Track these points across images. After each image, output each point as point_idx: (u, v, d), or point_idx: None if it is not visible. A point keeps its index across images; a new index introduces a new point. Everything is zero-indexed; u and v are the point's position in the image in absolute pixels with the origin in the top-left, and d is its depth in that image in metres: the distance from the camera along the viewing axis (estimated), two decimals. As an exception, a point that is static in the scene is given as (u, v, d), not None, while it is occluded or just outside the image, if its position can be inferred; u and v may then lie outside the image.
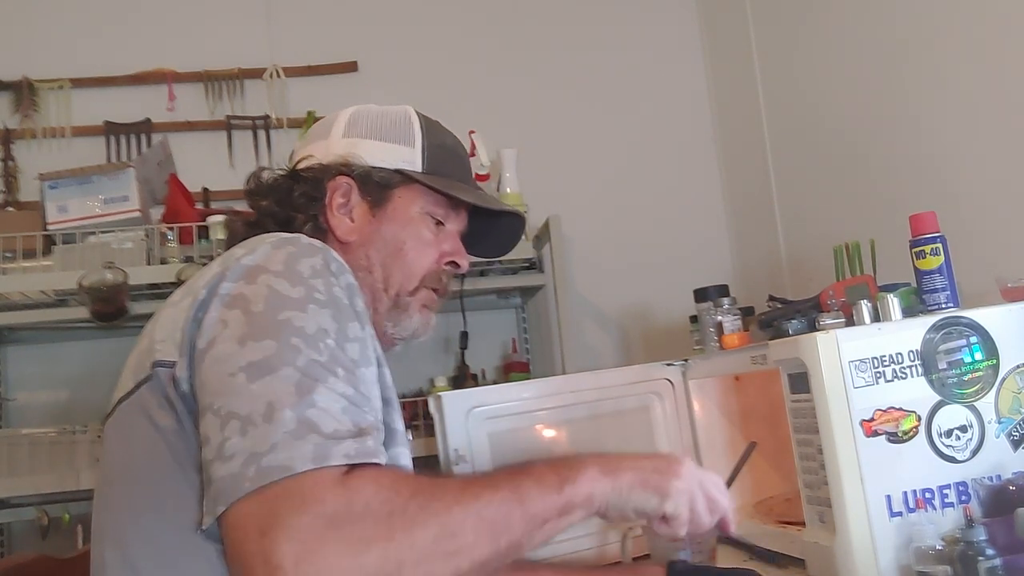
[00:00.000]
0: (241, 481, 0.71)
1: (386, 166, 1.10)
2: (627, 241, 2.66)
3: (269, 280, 0.83)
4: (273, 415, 0.74)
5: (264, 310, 0.81)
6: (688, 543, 1.22)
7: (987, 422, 1.16)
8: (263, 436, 0.73)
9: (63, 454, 2.04)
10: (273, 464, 0.71)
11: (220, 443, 0.74)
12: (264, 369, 0.76)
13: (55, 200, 2.14)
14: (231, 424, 0.74)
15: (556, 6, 2.78)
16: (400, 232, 1.10)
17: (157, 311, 0.93)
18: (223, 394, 0.76)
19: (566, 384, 1.57)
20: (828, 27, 2.14)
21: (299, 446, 0.72)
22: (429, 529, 0.73)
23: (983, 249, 1.54)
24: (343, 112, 1.15)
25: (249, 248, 0.88)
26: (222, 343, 0.79)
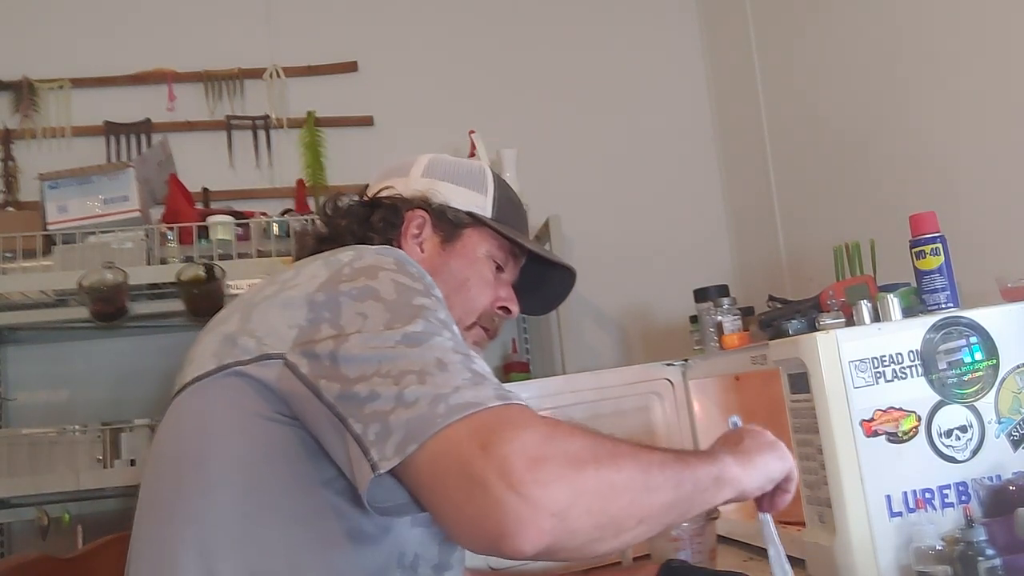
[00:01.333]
0: (433, 418, 0.72)
1: (460, 207, 1.18)
2: (627, 241, 2.66)
3: (391, 275, 0.87)
4: (447, 365, 0.77)
5: (398, 298, 0.84)
6: (688, 543, 1.22)
7: (987, 422, 1.16)
8: (444, 381, 0.75)
9: (63, 454, 2.04)
10: (461, 401, 0.73)
11: (398, 393, 0.74)
12: (421, 337, 0.79)
13: (55, 200, 2.14)
14: (406, 378, 0.75)
15: (556, 6, 2.78)
16: (465, 269, 1.16)
17: (232, 305, 0.94)
18: (388, 360, 0.77)
19: (566, 384, 1.58)
20: (828, 27, 2.14)
21: (482, 387, 0.75)
22: (629, 463, 0.76)
23: (983, 249, 1.54)
24: (422, 156, 1.23)
25: (355, 252, 0.92)
26: (368, 330, 0.80)
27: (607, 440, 0.77)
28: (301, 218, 2.24)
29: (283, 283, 0.90)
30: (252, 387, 0.84)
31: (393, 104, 2.63)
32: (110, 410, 2.21)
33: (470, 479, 0.69)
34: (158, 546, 0.84)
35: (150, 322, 2.24)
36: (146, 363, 2.34)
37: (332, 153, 2.57)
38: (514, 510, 0.67)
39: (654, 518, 0.77)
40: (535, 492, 0.68)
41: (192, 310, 2.05)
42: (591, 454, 0.73)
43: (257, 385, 0.84)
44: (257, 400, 0.83)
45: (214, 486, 0.83)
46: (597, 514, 0.71)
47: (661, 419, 1.64)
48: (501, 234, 1.19)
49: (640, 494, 0.75)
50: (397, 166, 1.23)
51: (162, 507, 0.86)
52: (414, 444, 0.72)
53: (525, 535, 0.67)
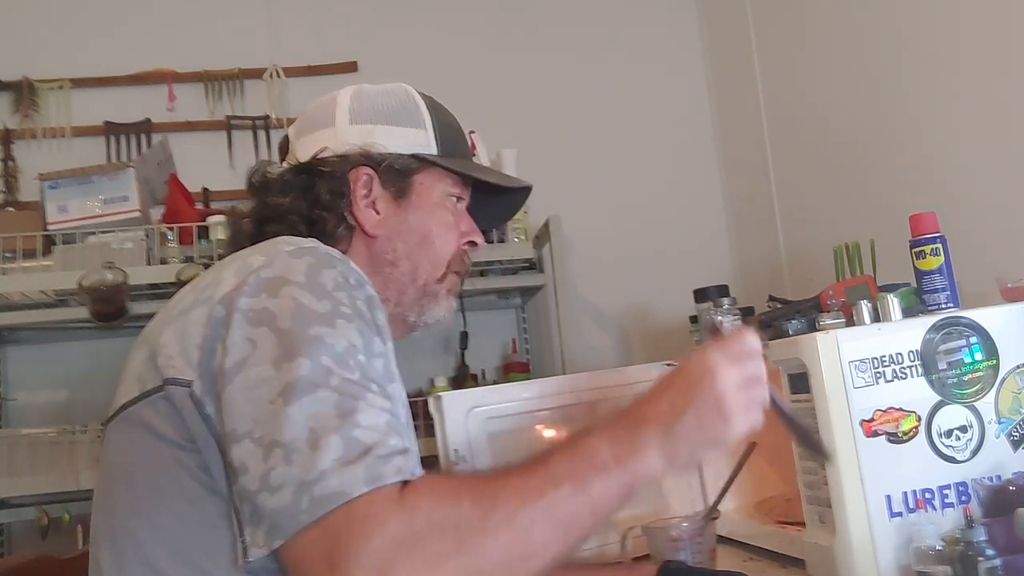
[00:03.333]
0: (296, 513, 0.70)
1: (403, 152, 1.07)
2: (627, 241, 2.66)
3: (294, 292, 0.80)
4: (319, 440, 0.72)
5: (292, 326, 0.78)
6: (688, 543, 1.22)
7: (987, 422, 1.15)
8: (311, 463, 0.71)
9: (63, 454, 2.04)
10: (327, 492, 0.70)
11: (264, 473, 0.72)
12: (301, 391, 0.74)
13: (55, 200, 2.14)
14: (274, 453, 0.72)
15: (556, 7, 2.78)
16: (425, 220, 1.07)
17: (161, 314, 0.90)
18: (261, 421, 0.74)
19: (566, 384, 1.57)
20: (828, 27, 2.14)
21: (350, 470, 0.71)
22: (500, 537, 0.72)
23: (983, 249, 1.54)
24: (340, 97, 1.10)
25: (266, 256, 0.85)
26: (254, 366, 0.76)
27: (485, 500, 0.72)
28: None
29: (198, 292, 0.86)
30: (166, 416, 0.81)
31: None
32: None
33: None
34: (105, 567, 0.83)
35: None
36: (146, 363, 2.34)
37: (332, 153, 2.57)
38: None
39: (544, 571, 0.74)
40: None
41: (192, 310, 2.05)
42: (454, 541, 0.70)
43: (170, 415, 0.81)
44: (170, 428, 0.81)
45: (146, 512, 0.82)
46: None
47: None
48: (454, 170, 1.09)
49: (520, 563, 0.72)
50: (317, 115, 1.10)
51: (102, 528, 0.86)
52: (279, 539, 0.71)
53: None
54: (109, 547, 0.84)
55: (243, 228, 1.06)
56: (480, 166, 1.14)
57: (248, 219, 1.06)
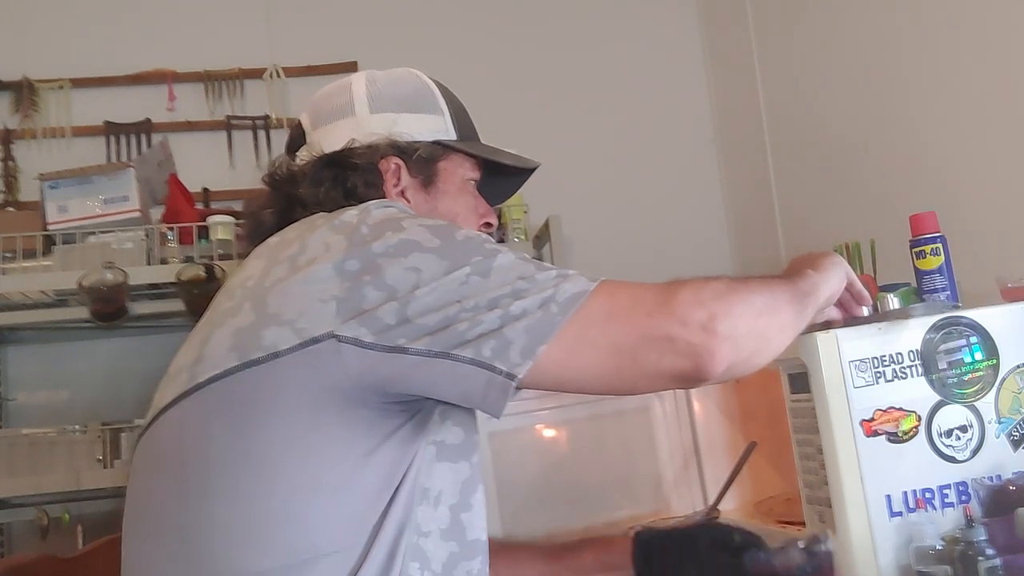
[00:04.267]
0: (550, 319, 0.78)
1: (425, 139, 1.08)
2: (627, 241, 2.66)
3: (414, 223, 0.85)
4: (532, 277, 0.81)
5: (443, 242, 0.83)
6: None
7: (987, 422, 1.15)
8: (539, 287, 0.80)
9: (63, 454, 2.04)
10: (568, 294, 0.80)
11: (501, 315, 0.78)
12: (488, 266, 0.81)
13: (55, 200, 2.14)
14: (502, 301, 0.79)
15: (556, 6, 2.78)
16: (453, 206, 1.09)
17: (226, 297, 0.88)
18: (470, 295, 0.79)
19: (566, 384, 1.57)
20: (828, 27, 2.14)
21: (572, 279, 0.81)
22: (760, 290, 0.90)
23: (983, 249, 1.54)
24: (355, 86, 1.09)
25: (354, 211, 0.88)
26: (430, 280, 0.80)
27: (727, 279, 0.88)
28: (301, 218, 2.24)
29: (291, 260, 0.85)
30: (294, 379, 0.80)
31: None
32: (110, 410, 2.21)
33: (657, 339, 0.80)
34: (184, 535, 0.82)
35: (150, 322, 2.24)
36: (146, 363, 2.33)
37: (332, 153, 2.57)
38: (706, 348, 0.80)
39: (789, 327, 0.92)
40: (716, 327, 0.80)
41: (192, 310, 2.05)
42: (727, 288, 0.85)
43: (302, 373, 0.80)
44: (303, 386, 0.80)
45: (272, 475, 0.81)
46: (755, 335, 0.85)
47: (661, 419, 1.64)
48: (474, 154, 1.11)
49: (776, 314, 0.89)
50: (333, 105, 1.09)
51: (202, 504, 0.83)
52: (542, 345, 0.77)
53: (715, 364, 0.81)
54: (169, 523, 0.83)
55: (265, 220, 1.03)
56: (496, 149, 1.17)
57: (271, 211, 1.03)
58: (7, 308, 2.14)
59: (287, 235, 0.91)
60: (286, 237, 0.91)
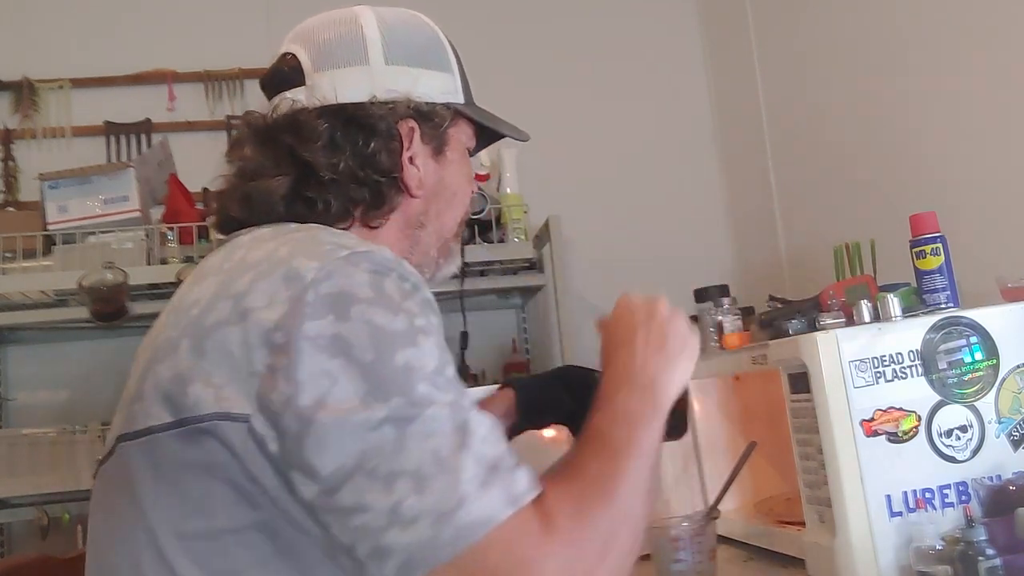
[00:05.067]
0: (439, 545, 0.65)
1: (438, 101, 0.96)
2: (627, 241, 2.66)
3: (364, 313, 0.71)
4: (445, 464, 0.67)
5: (376, 358, 0.69)
6: (688, 543, 1.22)
7: (987, 422, 1.15)
8: (445, 490, 0.66)
9: (63, 454, 2.04)
10: (470, 519, 0.66)
11: (392, 506, 0.66)
12: (410, 414, 0.68)
13: (55, 200, 2.14)
14: (399, 484, 0.66)
15: (557, 7, 2.78)
16: (456, 176, 0.99)
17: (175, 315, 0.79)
18: (372, 454, 0.66)
19: (566, 384, 1.57)
20: (828, 27, 2.14)
21: (489, 492, 0.67)
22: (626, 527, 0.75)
23: (983, 249, 1.54)
24: (366, 29, 0.95)
25: (317, 262, 0.73)
26: (339, 404, 0.67)
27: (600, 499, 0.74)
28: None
29: (236, 300, 0.73)
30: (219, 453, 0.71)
31: None
32: (110, 410, 2.18)
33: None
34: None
35: (150, 322, 2.22)
36: (146, 363, 2.34)
37: (332, 153, 2.57)
38: None
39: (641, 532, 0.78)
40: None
41: (192, 310, 2.05)
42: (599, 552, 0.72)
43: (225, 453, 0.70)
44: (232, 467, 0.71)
45: None
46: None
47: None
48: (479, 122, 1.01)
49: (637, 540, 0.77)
50: (343, 46, 0.94)
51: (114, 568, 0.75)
52: (419, 570, 0.66)
53: None
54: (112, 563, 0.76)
55: (273, 187, 0.88)
56: (496, 117, 1.06)
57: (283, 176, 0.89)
58: (7, 308, 2.14)
59: (247, 259, 0.78)
60: (245, 261, 0.78)
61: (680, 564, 1.22)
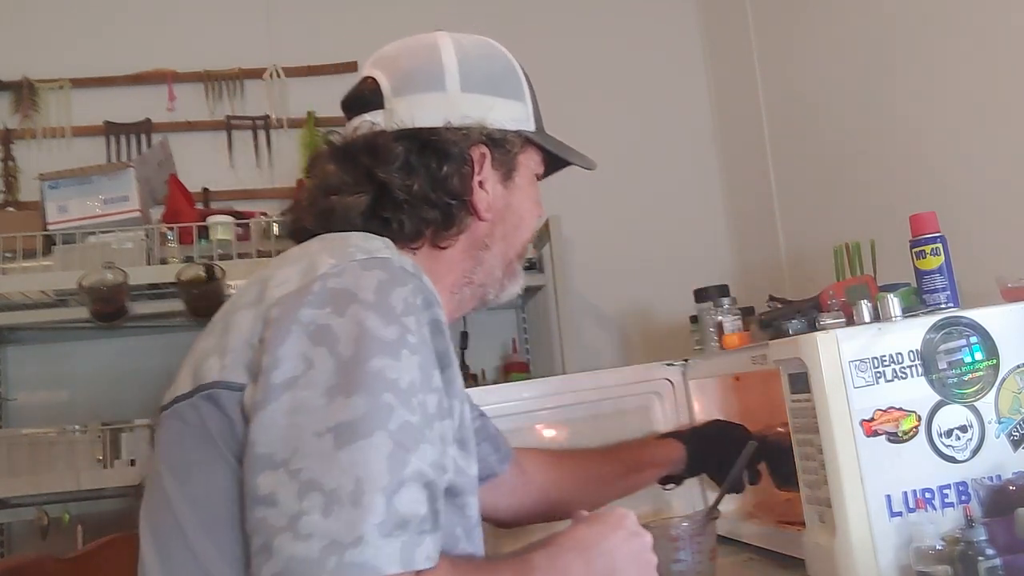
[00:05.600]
0: (318, 569, 0.66)
1: (509, 128, 0.99)
2: (627, 241, 2.66)
3: (359, 314, 0.74)
4: (362, 498, 0.68)
5: (354, 355, 0.72)
6: (688, 543, 1.22)
7: (987, 422, 1.15)
8: (349, 523, 0.67)
9: (63, 454, 2.04)
10: (358, 560, 0.67)
11: (295, 514, 0.68)
12: (355, 433, 0.70)
13: (55, 200, 2.14)
14: (312, 496, 0.68)
15: (556, 8, 2.78)
16: (524, 202, 1.02)
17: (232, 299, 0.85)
18: (304, 455, 0.69)
19: (566, 384, 1.58)
20: (828, 27, 2.14)
21: (387, 543, 0.68)
22: None
23: (983, 249, 1.54)
24: (444, 56, 1.00)
25: (335, 260, 0.78)
26: (305, 388, 0.71)
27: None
28: (301, 218, 2.24)
29: (261, 285, 0.80)
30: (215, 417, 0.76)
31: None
32: (110, 410, 2.21)
33: None
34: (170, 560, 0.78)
35: (150, 322, 2.24)
36: (146, 363, 2.34)
37: (332, 153, 2.57)
38: None
39: None
40: None
41: (192, 310, 2.05)
42: None
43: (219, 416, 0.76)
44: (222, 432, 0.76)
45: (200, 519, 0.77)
46: None
47: (661, 419, 1.64)
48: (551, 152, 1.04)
49: None
50: (421, 72, 0.99)
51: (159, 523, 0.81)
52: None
53: None
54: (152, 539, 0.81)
55: (352, 204, 0.92)
56: (565, 145, 1.08)
57: (362, 195, 0.92)
58: (7, 308, 2.14)
59: (290, 253, 0.86)
60: (288, 255, 0.86)
61: (680, 564, 1.22)
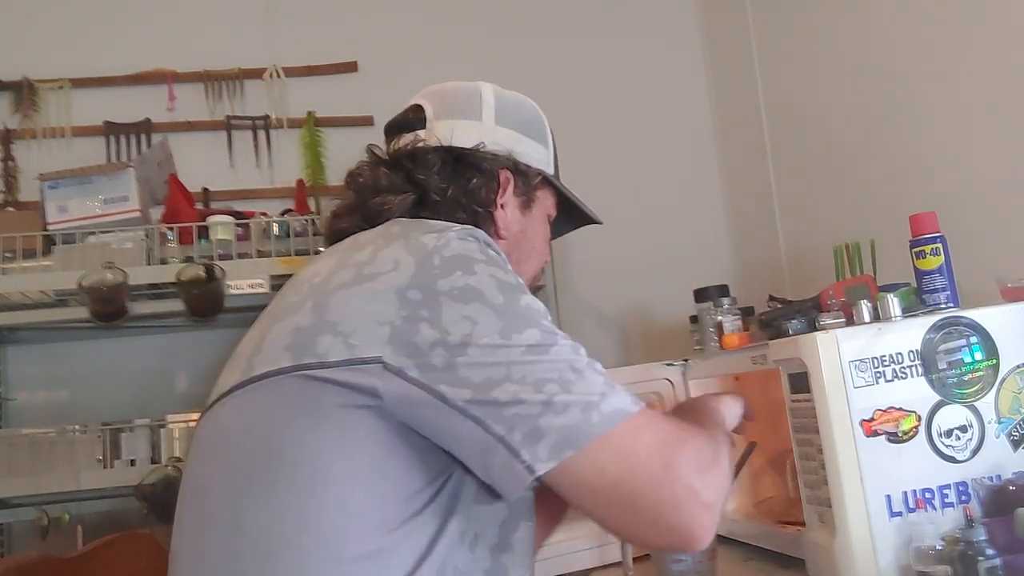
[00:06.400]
0: (588, 426, 0.77)
1: (532, 165, 1.14)
2: (627, 241, 2.65)
3: (485, 269, 0.85)
4: (583, 372, 0.81)
5: (505, 302, 0.83)
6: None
7: (987, 422, 1.16)
8: (587, 389, 0.80)
9: (63, 454, 2.04)
10: (612, 409, 0.79)
11: (546, 400, 0.78)
12: (544, 346, 0.81)
13: (55, 200, 2.14)
14: (548, 386, 0.79)
15: (556, 8, 2.78)
16: (538, 234, 1.15)
17: (297, 287, 0.89)
18: (520, 367, 0.79)
19: (566, 384, 1.57)
20: (828, 27, 2.14)
21: (618, 393, 0.81)
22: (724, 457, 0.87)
23: (983, 249, 1.54)
24: (484, 94, 1.16)
25: (436, 234, 0.88)
26: (484, 336, 0.80)
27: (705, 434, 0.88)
28: (301, 218, 2.24)
29: (359, 267, 0.86)
30: (338, 391, 0.80)
31: (393, 104, 2.55)
32: (110, 410, 2.21)
33: (661, 499, 0.78)
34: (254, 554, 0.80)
35: (150, 322, 2.24)
36: (146, 363, 2.34)
37: (332, 153, 2.57)
38: (704, 522, 0.79)
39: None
40: (714, 503, 0.80)
41: (192, 310, 2.05)
42: (712, 456, 0.84)
43: (352, 394, 0.80)
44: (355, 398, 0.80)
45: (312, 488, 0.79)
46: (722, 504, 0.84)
47: (661, 419, 1.64)
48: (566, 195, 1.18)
49: (728, 479, 0.87)
50: (462, 103, 1.14)
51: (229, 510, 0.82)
52: (571, 449, 0.77)
53: (708, 536, 0.79)
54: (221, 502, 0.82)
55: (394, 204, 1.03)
56: (578, 200, 1.23)
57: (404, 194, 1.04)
58: (7, 308, 2.13)
59: (361, 238, 0.94)
60: (360, 240, 0.93)
61: (680, 564, 1.22)
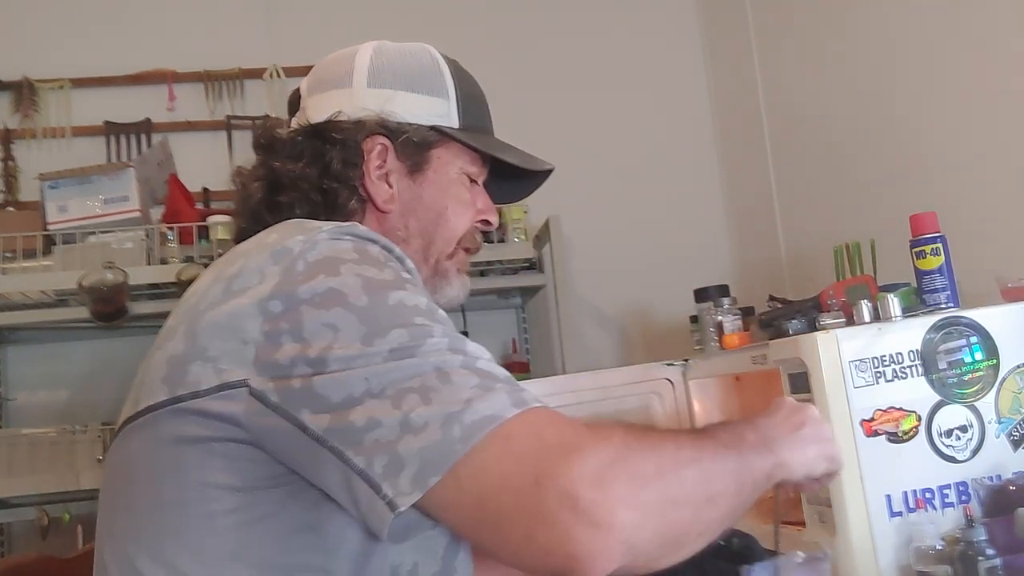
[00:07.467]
0: (449, 444, 0.66)
1: (421, 122, 1.00)
2: (627, 241, 2.66)
3: (352, 269, 0.76)
4: (450, 376, 0.69)
5: (370, 302, 0.73)
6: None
7: (987, 422, 1.16)
8: (450, 396, 0.68)
9: (63, 454, 2.04)
10: (476, 418, 0.67)
11: (402, 418, 0.67)
12: (408, 348, 0.71)
13: (55, 200, 2.14)
14: (407, 398, 0.68)
15: (556, 8, 2.78)
16: (441, 197, 1.01)
17: (182, 308, 0.83)
18: (378, 378, 0.69)
19: (566, 384, 1.58)
20: (828, 27, 2.14)
21: (492, 396, 0.68)
22: (692, 473, 0.71)
23: (983, 249, 1.54)
24: (359, 55, 1.02)
25: (303, 236, 0.79)
26: (344, 346, 0.71)
27: (668, 441, 0.73)
28: (301, 218, 2.24)
29: (228, 283, 0.78)
30: (211, 424, 0.74)
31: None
32: (110, 410, 2.21)
33: (530, 515, 0.65)
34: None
35: (150, 322, 2.23)
36: (146, 363, 2.34)
37: (332, 153, 2.57)
38: (586, 543, 0.63)
39: (714, 529, 0.73)
40: (615, 523, 0.64)
41: (192, 310, 2.05)
42: (655, 466, 0.69)
43: (220, 425, 0.74)
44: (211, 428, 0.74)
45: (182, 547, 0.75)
46: (661, 534, 0.68)
47: (661, 419, 1.64)
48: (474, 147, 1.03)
49: (702, 507, 0.72)
50: (333, 73, 1.02)
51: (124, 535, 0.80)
52: (434, 476, 0.66)
53: (596, 564, 0.64)
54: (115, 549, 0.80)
55: (253, 193, 0.99)
56: (503, 144, 1.08)
57: (259, 183, 0.99)
58: (7, 308, 2.14)
59: (239, 248, 0.86)
60: (236, 250, 0.85)
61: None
